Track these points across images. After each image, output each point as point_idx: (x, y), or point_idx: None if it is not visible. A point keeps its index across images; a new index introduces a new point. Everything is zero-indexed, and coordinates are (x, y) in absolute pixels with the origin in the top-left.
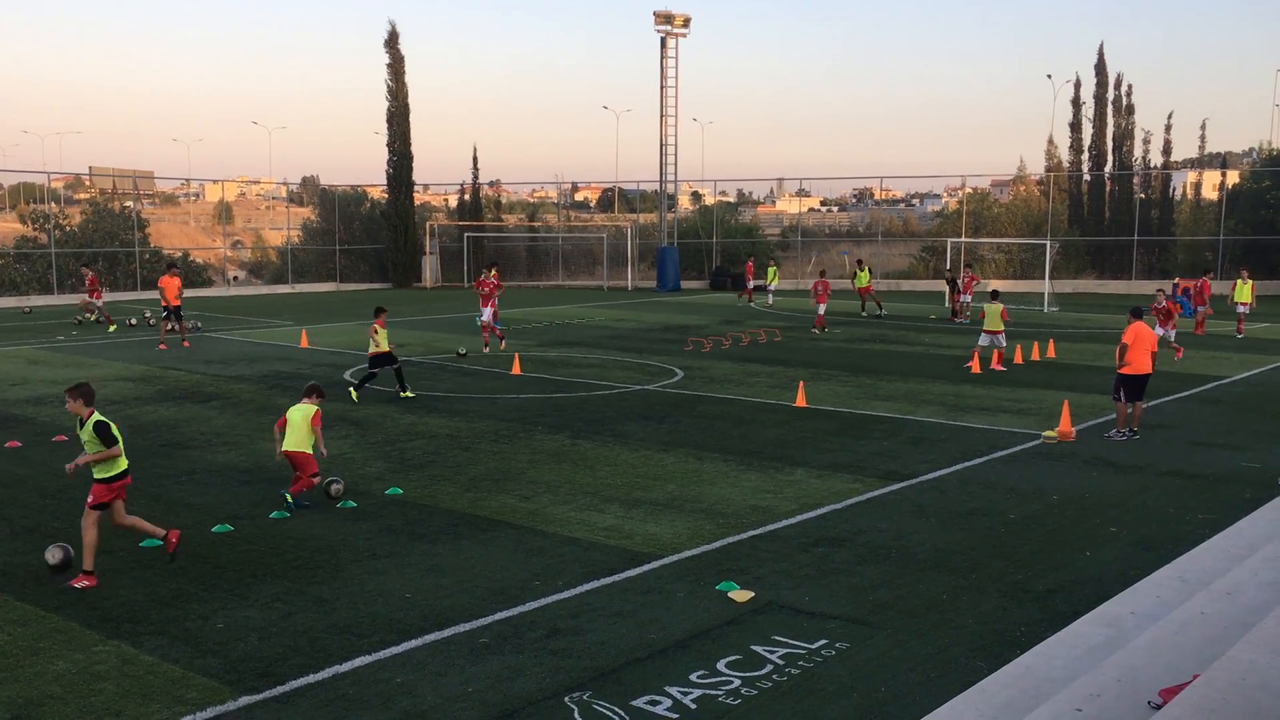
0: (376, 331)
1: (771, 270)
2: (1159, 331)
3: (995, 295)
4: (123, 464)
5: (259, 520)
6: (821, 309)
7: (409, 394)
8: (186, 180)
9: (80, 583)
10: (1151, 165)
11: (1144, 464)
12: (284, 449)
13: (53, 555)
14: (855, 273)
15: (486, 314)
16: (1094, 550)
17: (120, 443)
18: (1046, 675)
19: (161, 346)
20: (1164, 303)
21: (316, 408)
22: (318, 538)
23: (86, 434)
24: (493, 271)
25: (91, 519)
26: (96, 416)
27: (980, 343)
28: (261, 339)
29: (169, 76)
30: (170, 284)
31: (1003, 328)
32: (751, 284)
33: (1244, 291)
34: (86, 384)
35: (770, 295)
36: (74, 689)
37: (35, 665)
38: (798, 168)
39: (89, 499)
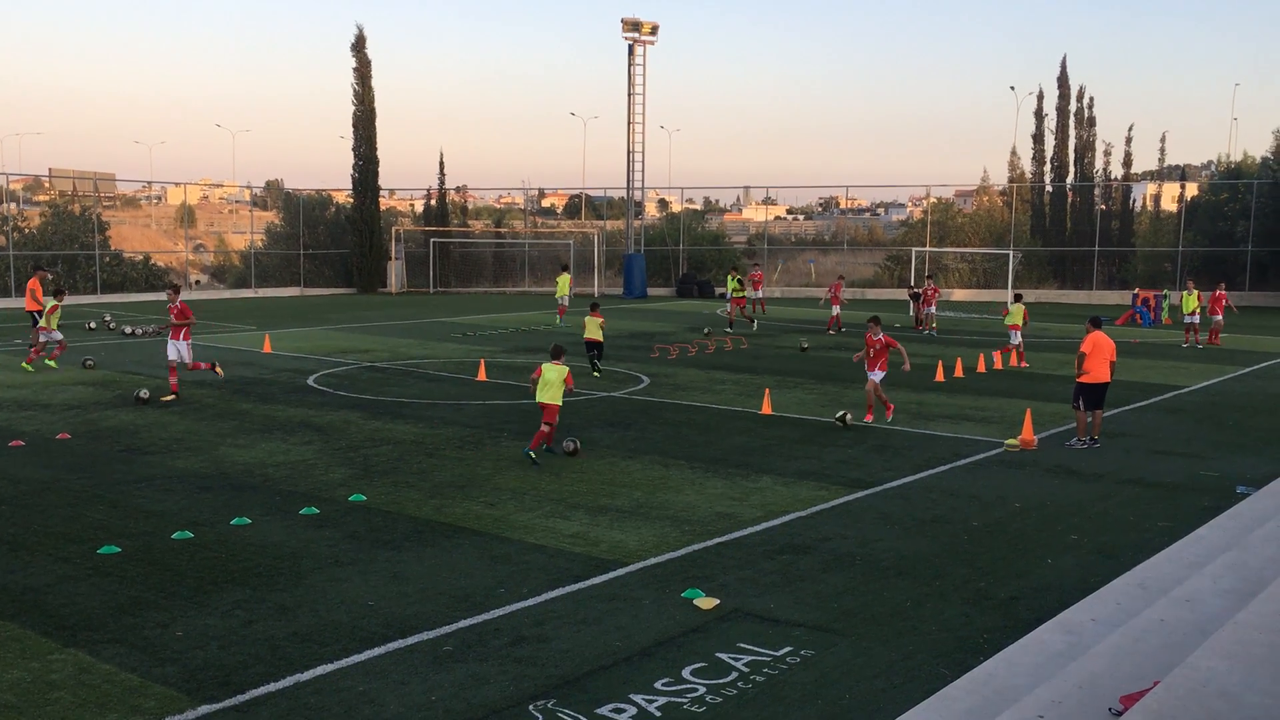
0: (587, 322)
1: (732, 280)
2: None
3: (1019, 297)
4: None
5: (220, 527)
6: (836, 310)
7: (598, 374)
8: (148, 183)
9: None
10: (1112, 177)
11: (1104, 472)
12: (540, 399)
13: None
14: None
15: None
16: (1055, 558)
17: None
18: (1009, 682)
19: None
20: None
21: (568, 369)
22: (279, 545)
23: None
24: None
25: None
26: None
27: (1013, 340)
28: (224, 344)
29: (131, 78)
30: (37, 287)
31: (1021, 324)
32: (761, 293)
33: (1190, 302)
34: None
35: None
36: (29, 698)
37: None
38: (765, 176)
39: None
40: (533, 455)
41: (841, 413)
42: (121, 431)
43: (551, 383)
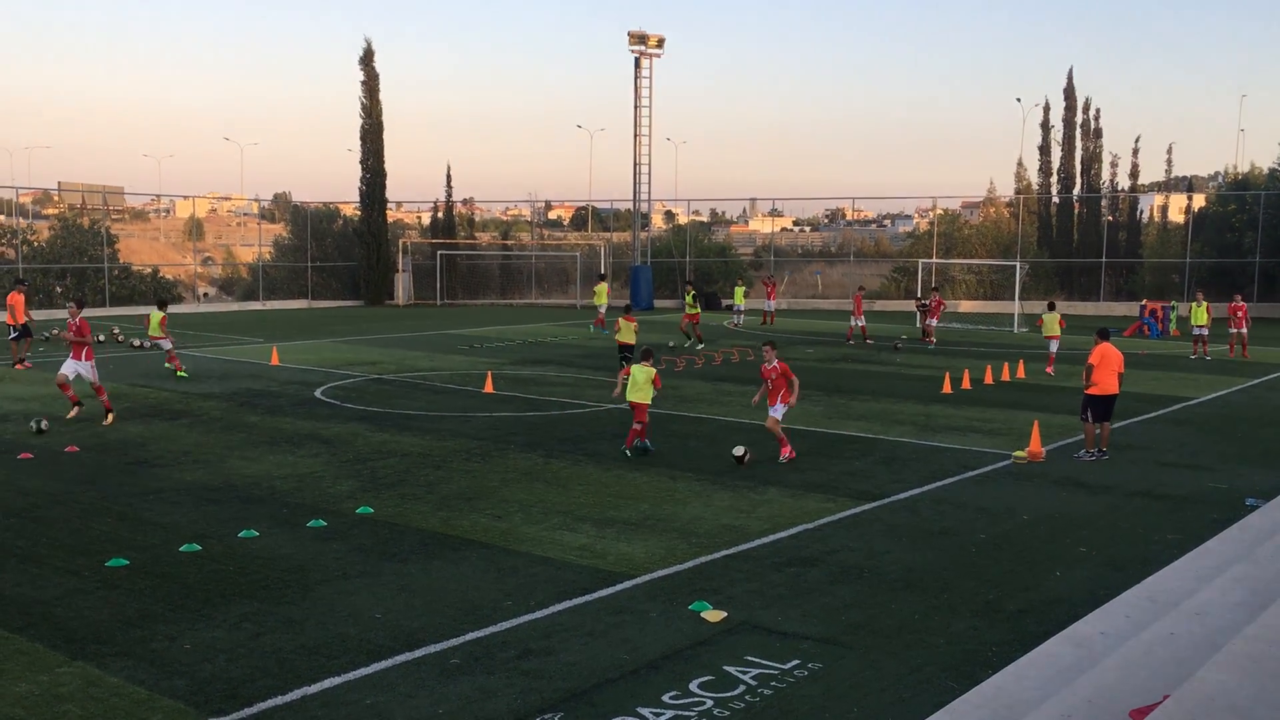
0: (621, 325)
1: (739, 290)
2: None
3: (1052, 306)
4: None
5: (227, 540)
6: (856, 321)
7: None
8: (157, 196)
9: None
10: (1119, 188)
11: (1113, 484)
12: (630, 399)
13: None
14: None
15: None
16: (1064, 570)
17: None
18: (1018, 696)
19: (25, 365)
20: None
21: (656, 371)
22: (287, 557)
23: None
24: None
25: None
26: None
27: (1051, 349)
28: (232, 356)
29: (140, 92)
30: (17, 301)
31: (1059, 333)
32: (774, 305)
33: (1200, 314)
34: None
35: (738, 315)
36: (37, 711)
37: None
38: (771, 188)
39: None
40: (628, 452)
41: (740, 451)
42: (129, 444)
43: (640, 383)
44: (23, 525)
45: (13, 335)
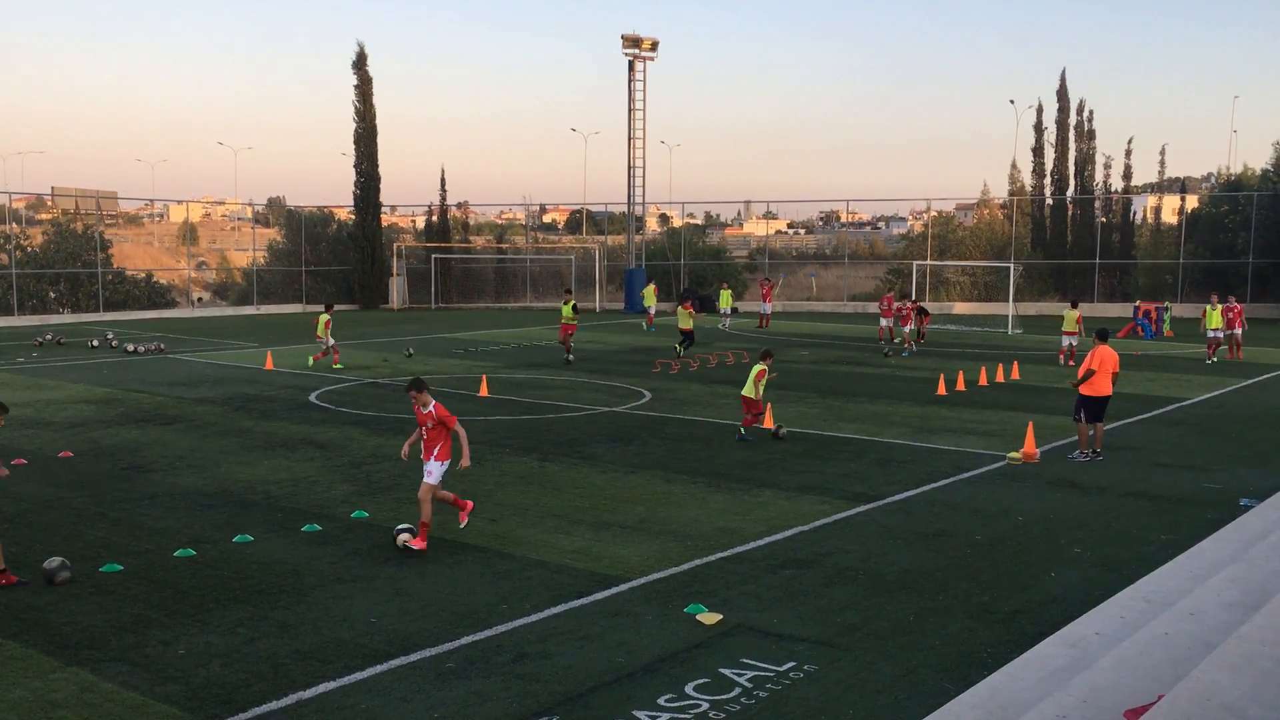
0: (680, 313)
1: (725, 294)
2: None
3: (1075, 304)
4: None
5: (222, 545)
6: (886, 322)
7: (679, 352)
8: (150, 201)
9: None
10: (1112, 190)
11: (1107, 485)
12: (744, 394)
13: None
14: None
15: None
16: (1058, 571)
17: None
18: (1013, 696)
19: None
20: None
21: (765, 367)
22: (282, 562)
23: None
24: None
25: None
26: None
27: (1062, 344)
28: (226, 361)
29: (133, 96)
30: None
31: (1078, 330)
32: (770, 308)
33: (1214, 318)
34: None
35: (726, 320)
36: (32, 717)
37: None
38: (765, 190)
39: None
40: (743, 430)
41: (776, 427)
42: (123, 449)
43: (750, 378)
44: (16, 531)
45: None
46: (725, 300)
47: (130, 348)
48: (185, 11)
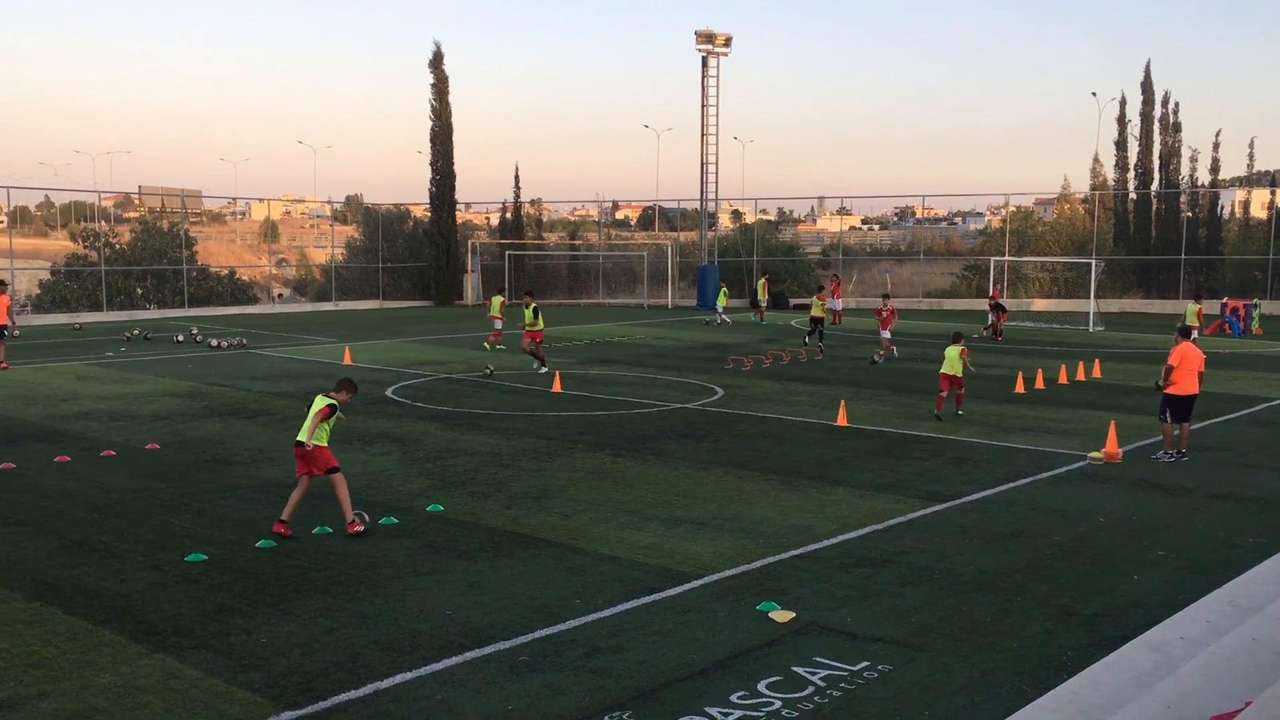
0: (813, 302)
1: (528, 311)
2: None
3: (1198, 298)
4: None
5: (302, 536)
6: (993, 318)
7: (809, 345)
8: (233, 199)
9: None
10: (1199, 184)
11: (1193, 486)
12: (943, 371)
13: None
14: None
15: None
16: (1141, 574)
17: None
18: (1094, 701)
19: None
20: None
21: (963, 347)
22: (360, 554)
23: None
24: None
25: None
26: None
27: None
28: (306, 355)
29: (217, 97)
30: (2, 301)
31: (1195, 324)
32: (840, 304)
33: None
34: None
35: (721, 316)
36: (120, 702)
37: (82, 678)
38: (839, 186)
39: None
40: (938, 415)
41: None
42: (207, 442)
43: (952, 359)
44: (106, 521)
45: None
46: (722, 299)
47: (213, 343)
48: (269, 14)
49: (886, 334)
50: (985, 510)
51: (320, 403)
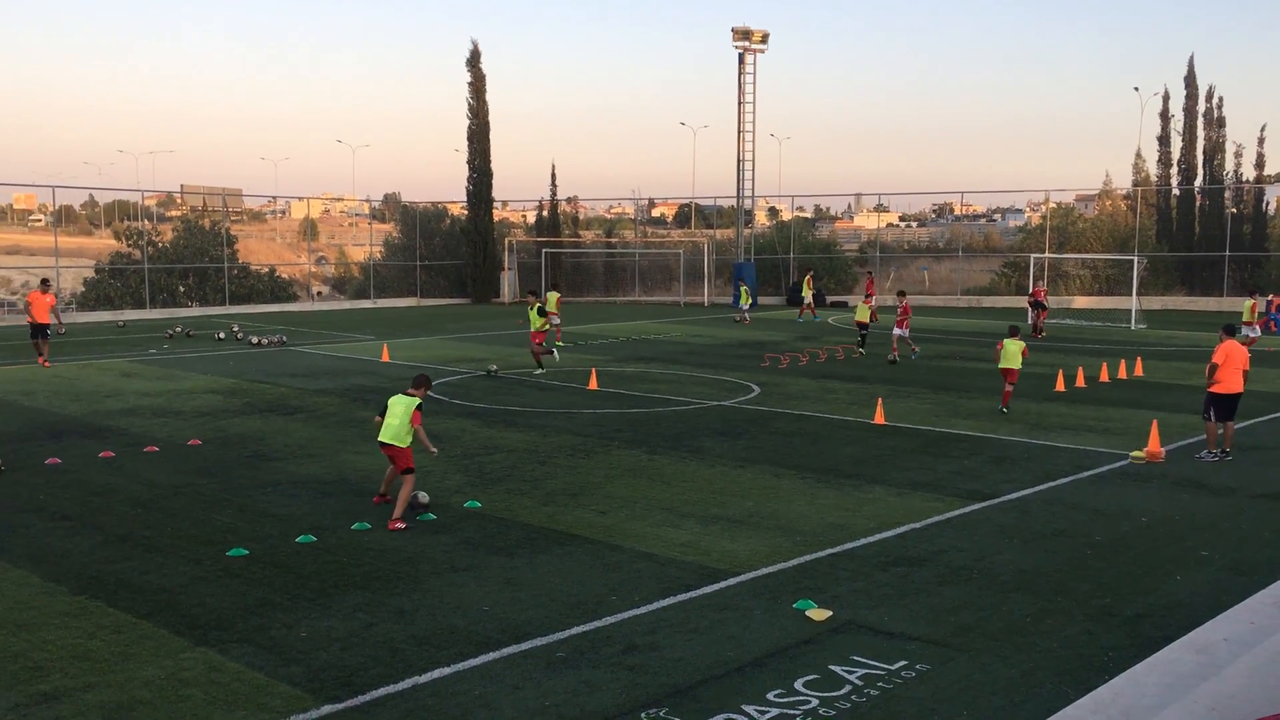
0: (859, 307)
1: (531, 310)
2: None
3: (1253, 293)
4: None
5: (341, 531)
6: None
7: (859, 353)
8: (273, 198)
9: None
10: (1243, 179)
11: (1237, 486)
12: (1002, 365)
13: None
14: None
15: None
16: (1184, 574)
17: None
18: (1136, 703)
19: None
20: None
21: (1024, 344)
22: (398, 549)
23: None
24: None
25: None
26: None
27: (1251, 334)
28: (344, 353)
29: (257, 97)
30: (41, 301)
31: (1254, 319)
32: (873, 300)
33: None
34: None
35: (744, 314)
36: (163, 694)
37: (126, 671)
38: (876, 182)
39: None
40: (1004, 409)
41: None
42: (249, 438)
43: (1012, 354)
44: (149, 516)
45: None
46: (745, 298)
47: (254, 340)
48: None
49: (900, 332)
50: (1025, 509)
51: (408, 403)
